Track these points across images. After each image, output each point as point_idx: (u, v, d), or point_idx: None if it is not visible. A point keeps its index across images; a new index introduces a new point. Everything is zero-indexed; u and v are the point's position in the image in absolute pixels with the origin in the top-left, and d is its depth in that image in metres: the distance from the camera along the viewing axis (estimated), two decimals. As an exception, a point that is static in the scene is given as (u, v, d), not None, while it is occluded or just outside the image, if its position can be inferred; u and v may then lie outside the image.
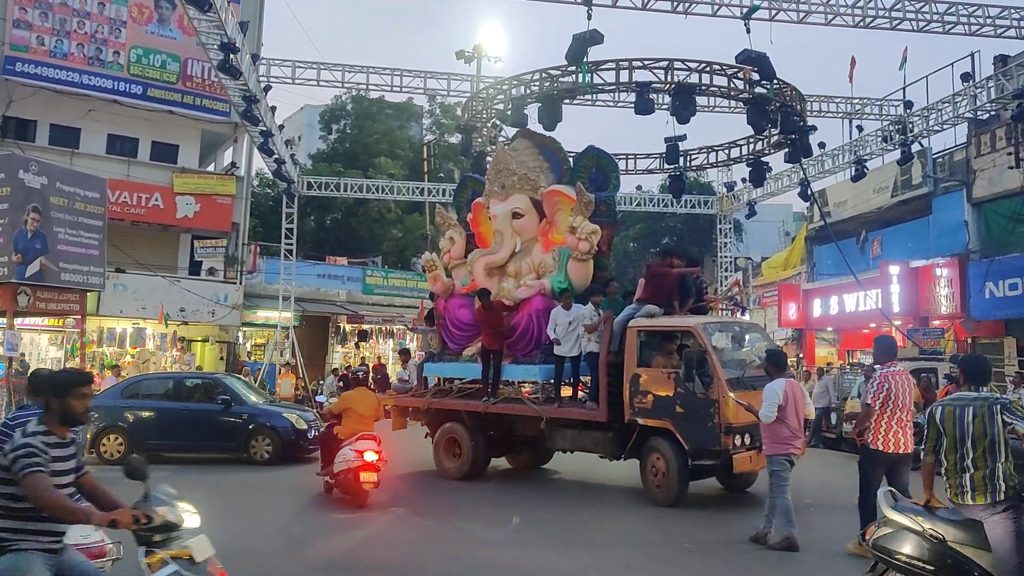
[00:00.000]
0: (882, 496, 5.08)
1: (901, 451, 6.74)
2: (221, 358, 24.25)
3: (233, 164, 26.16)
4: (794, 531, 7.19)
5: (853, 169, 21.20)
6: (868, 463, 6.86)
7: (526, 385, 11.76)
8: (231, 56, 14.31)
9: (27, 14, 22.32)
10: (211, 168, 28.14)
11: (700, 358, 8.93)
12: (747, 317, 16.62)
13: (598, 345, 10.06)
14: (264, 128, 18.45)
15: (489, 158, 15.52)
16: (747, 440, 8.81)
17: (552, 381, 10.81)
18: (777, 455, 7.40)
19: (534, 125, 13.82)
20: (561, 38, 14.07)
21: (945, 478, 4.72)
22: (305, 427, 12.90)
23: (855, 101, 22.02)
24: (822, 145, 21.64)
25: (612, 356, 9.95)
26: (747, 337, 10.86)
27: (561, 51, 13.67)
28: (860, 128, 21.54)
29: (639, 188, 27.30)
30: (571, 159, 12.65)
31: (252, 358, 25.65)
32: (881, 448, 6.72)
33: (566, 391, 10.87)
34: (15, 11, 22.11)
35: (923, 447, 4.92)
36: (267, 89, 18.26)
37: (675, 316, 10.14)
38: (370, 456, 8.95)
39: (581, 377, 10.78)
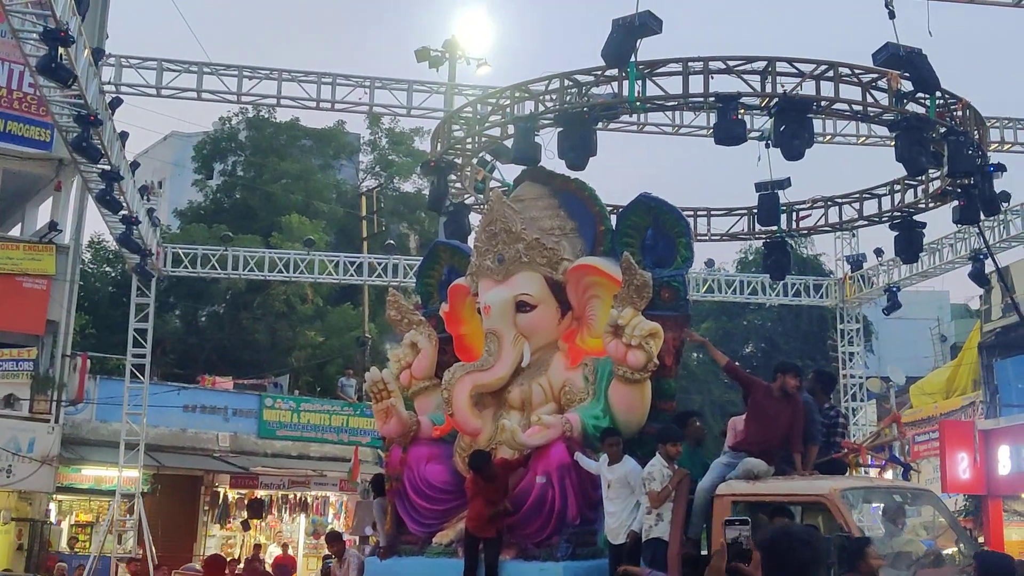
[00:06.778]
0: None
1: None
2: (20, 546, 23.84)
3: (53, 225, 26.14)
4: None
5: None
6: None
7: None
8: (60, 50, 14.39)
9: None
10: (16, 232, 28.09)
11: (847, 549, 8.58)
12: (912, 479, 16.40)
13: (667, 526, 9.81)
14: (108, 167, 18.53)
15: (477, 215, 15.52)
16: None
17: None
18: None
19: (550, 162, 13.95)
20: (582, 27, 14.21)
21: None
22: None
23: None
24: (1005, 197, 21.78)
25: (690, 544, 9.79)
26: (913, 511, 10.68)
27: (580, 48, 13.80)
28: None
29: (709, 264, 27.33)
30: (612, 215, 12.64)
31: (73, 548, 25.20)
32: None
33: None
34: None
35: None
36: (115, 104, 18.47)
37: (794, 477, 9.95)
38: None
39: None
